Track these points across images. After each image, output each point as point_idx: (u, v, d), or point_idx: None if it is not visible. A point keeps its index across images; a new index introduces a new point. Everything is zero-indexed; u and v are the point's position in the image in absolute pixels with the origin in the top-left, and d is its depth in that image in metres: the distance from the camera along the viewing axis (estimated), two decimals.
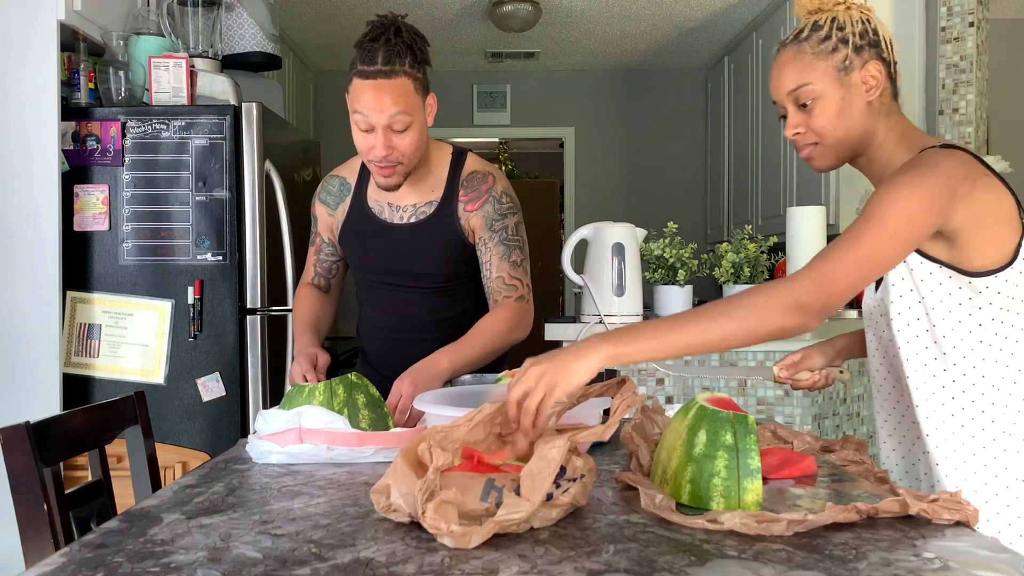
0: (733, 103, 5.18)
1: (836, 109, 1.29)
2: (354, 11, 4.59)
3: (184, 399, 2.57)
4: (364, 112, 1.62)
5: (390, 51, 1.61)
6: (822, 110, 1.29)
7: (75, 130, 2.55)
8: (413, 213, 1.79)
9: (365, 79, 1.61)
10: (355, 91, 1.63)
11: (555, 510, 0.97)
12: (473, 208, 1.78)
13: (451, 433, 1.01)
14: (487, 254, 1.79)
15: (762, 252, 2.66)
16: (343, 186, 1.87)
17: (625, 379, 1.15)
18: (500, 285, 1.78)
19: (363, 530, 0.95)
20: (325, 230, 1.90)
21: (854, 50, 1.28)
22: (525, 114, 5.95)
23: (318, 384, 1.38)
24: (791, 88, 1.31)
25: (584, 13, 4.67)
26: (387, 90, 1.60)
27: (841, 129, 1.30)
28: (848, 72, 1.28)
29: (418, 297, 1.83)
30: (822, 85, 1.28)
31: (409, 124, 1.64)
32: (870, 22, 1.30)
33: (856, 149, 1.33)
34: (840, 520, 0.95)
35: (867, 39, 1.28)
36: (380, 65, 1.60)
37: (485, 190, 1.80)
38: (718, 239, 5.40)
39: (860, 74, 1.28)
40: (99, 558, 0.86)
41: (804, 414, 2.65)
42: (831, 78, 1.28)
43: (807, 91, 1.29)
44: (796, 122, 1.32)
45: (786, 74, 1.31)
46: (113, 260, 2.56)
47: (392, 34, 1.62)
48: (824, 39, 1.28)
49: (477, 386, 1.55)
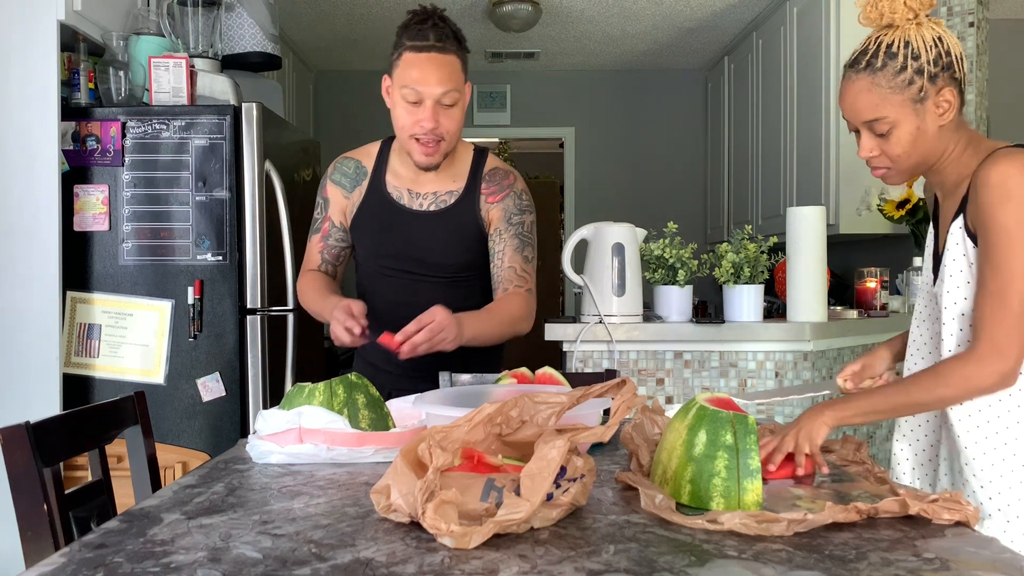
0: (733, 103, 5.18)
1: (911, 138, 1.30)
2: (354, 11, 4.59)
3: (184, 399, 2.57)
4: (415, 85, 1.66)
5: (440, 31, 1.67)
6: (898, 140, 1.30)
7: (75, 130, 2.55)
8: (434, 201, 1.81)
9: (419, 52, 1.66)
10: (406, 65, 1.67)
11: (555, 510, 0.97)
12: (495, 200, 1.82)
13: (451, 433, 1.01)
14: (500, 244, 1.81)
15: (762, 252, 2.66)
16: (359, 169, 1.87)
17: (625, 380, 1.15)
18: (512, 275, 1.80)
19: (363, 530, 0.95)
20: (337, 213, 1.88)
21: (929, 79, 1.27)
22: (525, 114, 5.95)
23: (318, 384, 1.38)
24: (867, 119, 1.31)
25: (584, 13, 4.67)
26: (440, 64, 1.66)
27: (916, 155, 1.32)
28: (923, 101, 1.28)
29: (430, 287, 1.83)
30: (897, 116, 1.29)
31: (457, 100, 1.70)
32: (942, 41, 1.28)
33: (930, 165, 1.35)
34: (840, 520, 0.95)
35: (940, 63, 1.27)
36: (433, 41, 1.66)
37: (507, 185, 1.84)
38: (718, 239, 5.40)
39: (934, 100, 1.28)
40: (99, 558, 0.86)
41: None
42: (907, 110, 1.29)
43: (883, 124, 1.30)
44: (870, 146, 1.33)
45: (861, 105, 1.31)
46: (113, 260, 2.56)
47: (438, 19, 1.69)
48: (900, 70, 1.27)
49: (477, 386, 1.55)
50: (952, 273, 1.33)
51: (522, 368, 1.61)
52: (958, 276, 1.33)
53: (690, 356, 2.64)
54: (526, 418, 1.08)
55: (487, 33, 5.04)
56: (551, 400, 1.09)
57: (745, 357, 2.63)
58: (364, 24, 4.81)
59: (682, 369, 2.65)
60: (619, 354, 2.63)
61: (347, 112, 5.70)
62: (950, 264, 1.33)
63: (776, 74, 4.37)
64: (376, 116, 5.93)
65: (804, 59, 4.03)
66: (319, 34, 4.98)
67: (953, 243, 1.33)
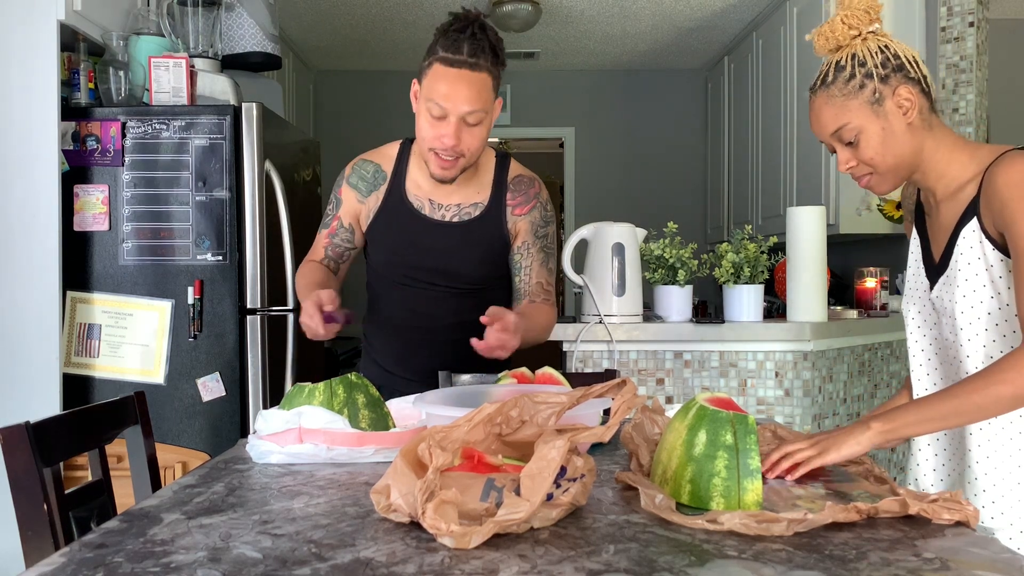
0: (733, 103, 5.18)
1: (880, 139, 1.32)
2: (354, 11, 4.59)
3: (184, 399, 2.57)
4: (441, 101, 1.60)
5: (475, 45, 1.60)
6: (867, 143, 1.33)
7: (75, 130, 2.55)
8: (457, 213, 1.77)
9: (450, 67, 1.59)
10: (435, 77, 1.61)
11: (555, 510, 0.97)
12: (522, 212, 1.79)
13: (451, 433, 1.01)
14: (528, 259, 1.80)
15: (762, 252, 2.66)
16: (378, 174, 1.81)
17: (626, 380, 1.15)
18: (539, 289, 1.80)
19: (363, 530, 0.95)
20: (348, 216, 1.83)
21: (880, 81, 1.31)
22: (525, 114, 5.95)
23: (318, 384, 1.38)
24: (832, 131, 1.35)
25: (584, 13, 4.67)
26: (470, 82, 1.60)
27: (890, 156, 1.33)
28: (881, 103, 1.31)
29: (447, 297, 1.80)
30: (859, 121, 1.32)
31: (482, 120, 1.64)
32: (888, 48, 1.33)
33: (911, 168, 1.37)
34: (840, 520, 0.95)
35: (890, 66, 1.31)
36: (466, 56, 1.59)
37: (533, 195, 1.81)
38: (718, 239, 5.40)
39: (893, 100, 1.31)
40: (99, 558, 0.86)
41: (804, 414, 2.65)
42: (866, 112, 1.32)
43: (848, 131, 1.33)
44: (846, 158, 1.36)
45: (823, 119, 1.36)
46: (113, 260, 2.56)
47: (477, 28, 1.61)
48: (849, 79, 1.32)
49: (477, 386, 1.55)
50: (968, 277, 1.32)
51: (522, 368, 1.61)
52: (974, 280, 1.32)
53: (690, 356, 2.64)
54: (526, 418, 1.08)
55: None
56: (551, 400, 1.09)
57: (745, 357, 2.64)
58: (364, 24, 4.81)
59: (682, 369, 2.65)
60: (619, 354, 2.63)
61: (347, 112, 5.70)
62: (965, 268, 1.32)
63: (776, 74, 4.37)
64: (376, 116, 5.95)
65: (804, 59, 4.04)
66: (319, 34, 4.98)
67: (967, 247, 1.32)
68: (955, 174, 1.35)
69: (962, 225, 1.33)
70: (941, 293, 1.37)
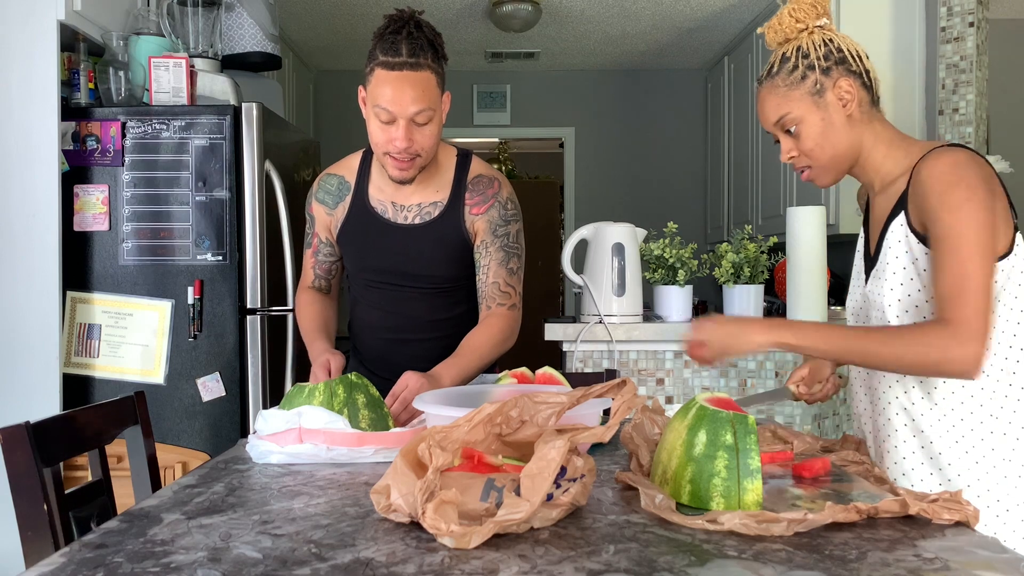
0: (733, 103, 5.18)
1: (819, 130, 1.36)
2: (354, 11, 4.59)
3: (184, 399, 2.57)
4: (387, 105, 1.60)
5: (413, 44, 1.59)
6: (807, 133, 1.36)
7: (75, 130, 2.55)
8: (418, 213, 1.79)
9: (390, 70, 1.59)
10: (378, 82, 1.61)
11: (555, 510, 0.97)
12: (479, 212, 1.79)
13: (451, 433, 1.01)
14: (486, 258, 1.79)
15: (762, 252, 2.66)
16: (342, 185, 1.85)
17: (626, 380, 1.15)
18: (495, 291, 1.78)
19: (363, 530, 0.95)
20: (323, 230, 1.88)
21: (822, 72, 1.35)
22: (525, 114, 5.95)
23: (318, 384, 1.38)
24: (774, 120, 1.39)
25: (584, 13, 4.67)
26: (412, 82, 1.59)
27: (829, 147, 1.36)
28: (821, 94, 1.35)
29: (418, 297, 1.82)
30: (800, 111, 1.36)
31: (431, 118, 1.64)
32: (832, 41, 1.36)
33: (850, 160, 1.39)
34: (840, 520, 0.95)
35: (832, 59, 1.35)
36: (405, 57, 1.59)
37: (491, 195, 1.80)
38: (718, 239, 5.40)
39: (833, 92, 1.35)
40: (99, 558, 0.86)
41: (804, 414, 2.65)
42: (807, 103, 1.36)
43: (788, 120, 1.37)
44: (787, 147, 1.40)
45: (767, 108, 1.40)
46: (113, 260, 2.56)
47: (413, 27, 1.61)
48: (792, 70, 1.36)
49: (477, 386, 1.55)
50: (896, 270, 1.34)
51: (522, 368, 1.61)
52: (901, 273, 1.33)
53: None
54: (526, 418, 1.08)
55: (487, 33, 5.04)
56: (551, 400, 1.09)
57: (745, 357, 2.63)
58: (364, 24, 4.81)
59: (682, 369, 2.65)
60: (619, 354, 2.63)
61: (347, 112, 5.69)
62: (892, 262, 1.34)
63: None
64: None
65: None
66: (319, 34, 4.97)
67: (895, 240, 1.34)
68: (890, 169, 1.37)
69: (891, 219, 1.35)
70: (873, 286, 1.39)
